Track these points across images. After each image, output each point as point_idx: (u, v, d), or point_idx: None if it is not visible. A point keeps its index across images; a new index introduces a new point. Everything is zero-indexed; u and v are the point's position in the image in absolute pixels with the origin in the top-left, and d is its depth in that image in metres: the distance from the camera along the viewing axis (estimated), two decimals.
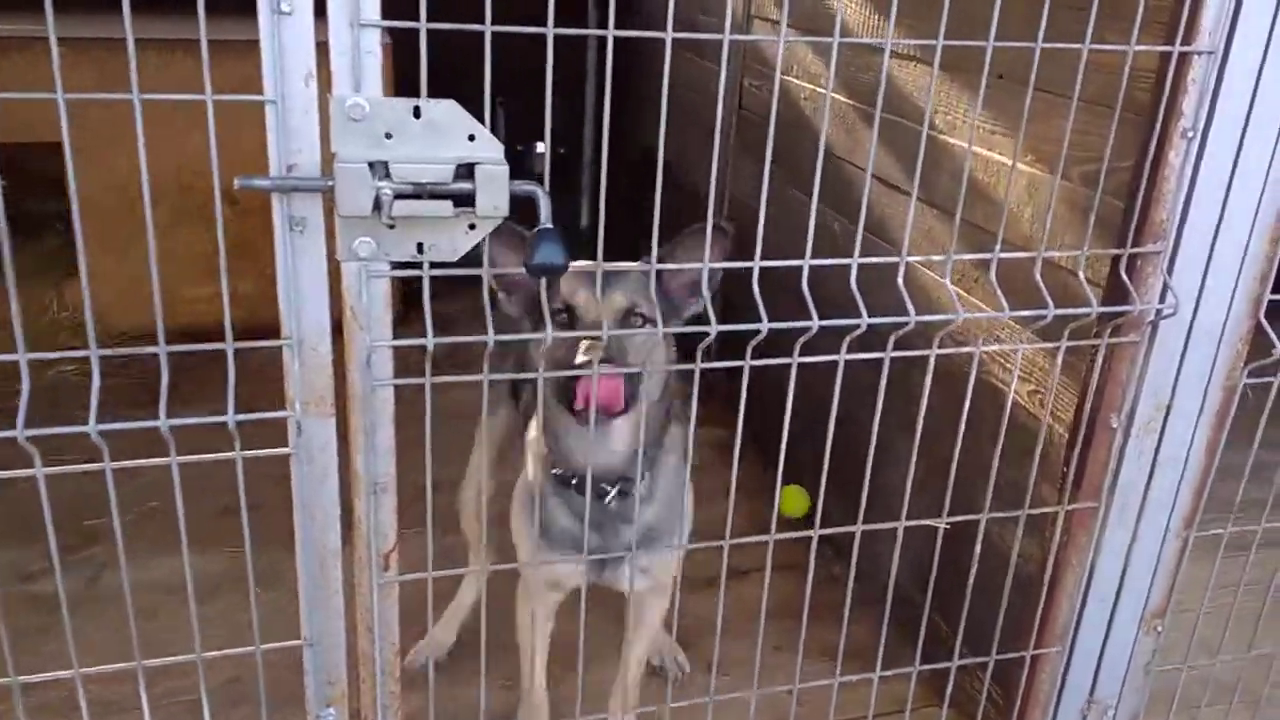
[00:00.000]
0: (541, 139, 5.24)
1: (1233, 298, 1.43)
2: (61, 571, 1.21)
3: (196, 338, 1.07)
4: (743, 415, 1.31)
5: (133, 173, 3.52)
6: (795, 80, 2.80)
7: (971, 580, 1.49)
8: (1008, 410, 1.54)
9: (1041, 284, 1.32)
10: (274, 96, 1.00)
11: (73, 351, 1.04)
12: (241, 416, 1.10)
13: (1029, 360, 1.87)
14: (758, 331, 1.19)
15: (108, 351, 1.06)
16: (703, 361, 1.24)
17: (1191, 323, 1.43)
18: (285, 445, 1.16)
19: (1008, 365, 1.95)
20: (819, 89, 2.67)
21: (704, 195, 1.23)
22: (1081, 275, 1.40)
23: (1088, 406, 1.47)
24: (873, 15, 2.37)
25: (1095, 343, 1.42)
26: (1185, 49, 1.28)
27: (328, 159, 1.04)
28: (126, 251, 2.95)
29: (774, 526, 1.52)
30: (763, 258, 1.22)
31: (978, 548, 1.49)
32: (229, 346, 1.09)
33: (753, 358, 1.24)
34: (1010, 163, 1.92)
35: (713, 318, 1.20)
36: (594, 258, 1.28)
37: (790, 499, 2.85)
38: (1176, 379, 1.43)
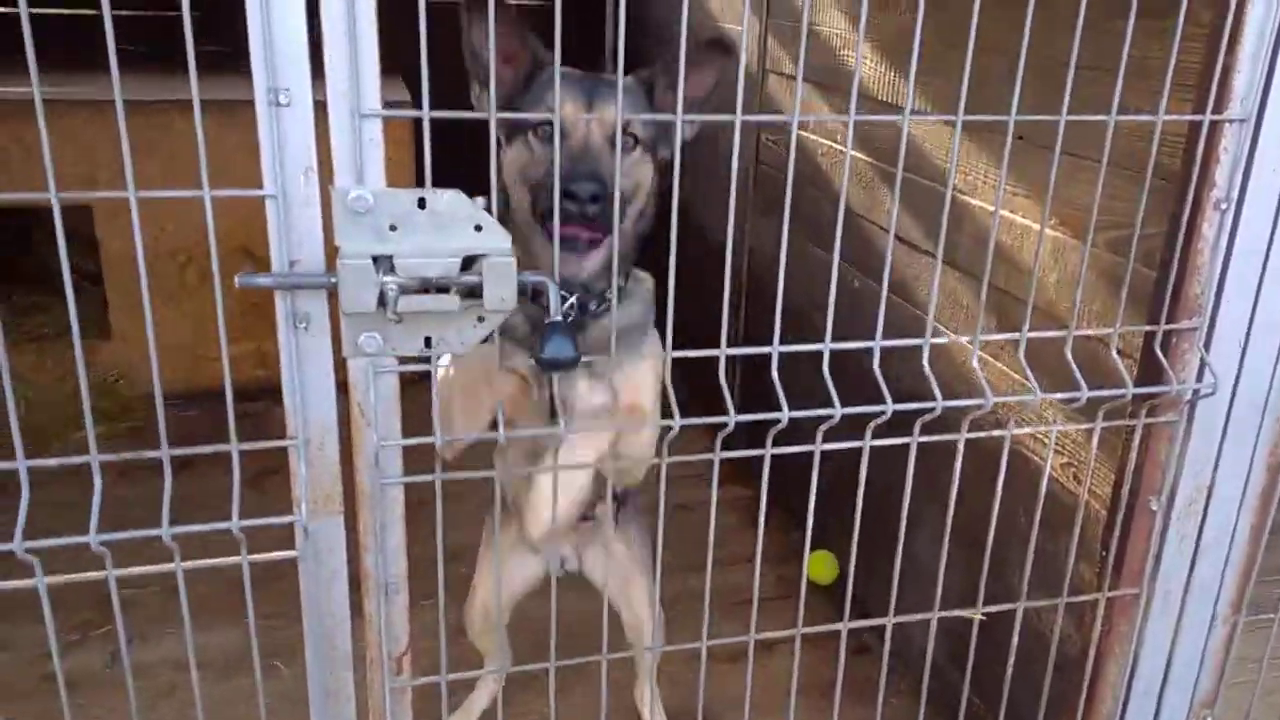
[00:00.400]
0: None
1: (1274, 374, 1.37)
2: (82, 648, 1.16)
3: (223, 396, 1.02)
4: (765, 497, 1.26)
5: (160, 234, 3.55)
6: (812, 136, 2.78)
7: (1011, 664, 1.43)
8: (1043, 485, 1.47)
9: (1072, 362, 1.27)
10: (274, 191, 0.97)
11: (75, 459, 1.00)
12: (247, 523, 1.06)
13: (1063, 433, 1.81)
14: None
15: (110, 456, 1.02)
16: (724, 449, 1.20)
17: (1231, 401, 1.37)
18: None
19: (1042, 439, 1.89)
20: (835, 145, 2.64)
21: (725, 249, 1.19)
22: (1114, 349, 1.35)
23: (1126, 488, 1.40)
24: (889, 70, 2.34)
25: (1131, 423, 1.36)
26: (1216, 117, 1.24)
27: (332, 252, 1.00)
28: (156, 312, 2.94)
29: (803, 594, 1.43)
30: (784, 314, 1.17)
31: (1015, 634, 1.42)
32: (234, 448, 1.05)
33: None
34: (1032, 224, 1.88)
35: (731, 407, 1.15)
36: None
37: (818, 565, 2.78)
38: (1218, 459, 1.37)
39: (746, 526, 3.02)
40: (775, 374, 1.19)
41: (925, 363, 1.23)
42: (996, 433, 1.37)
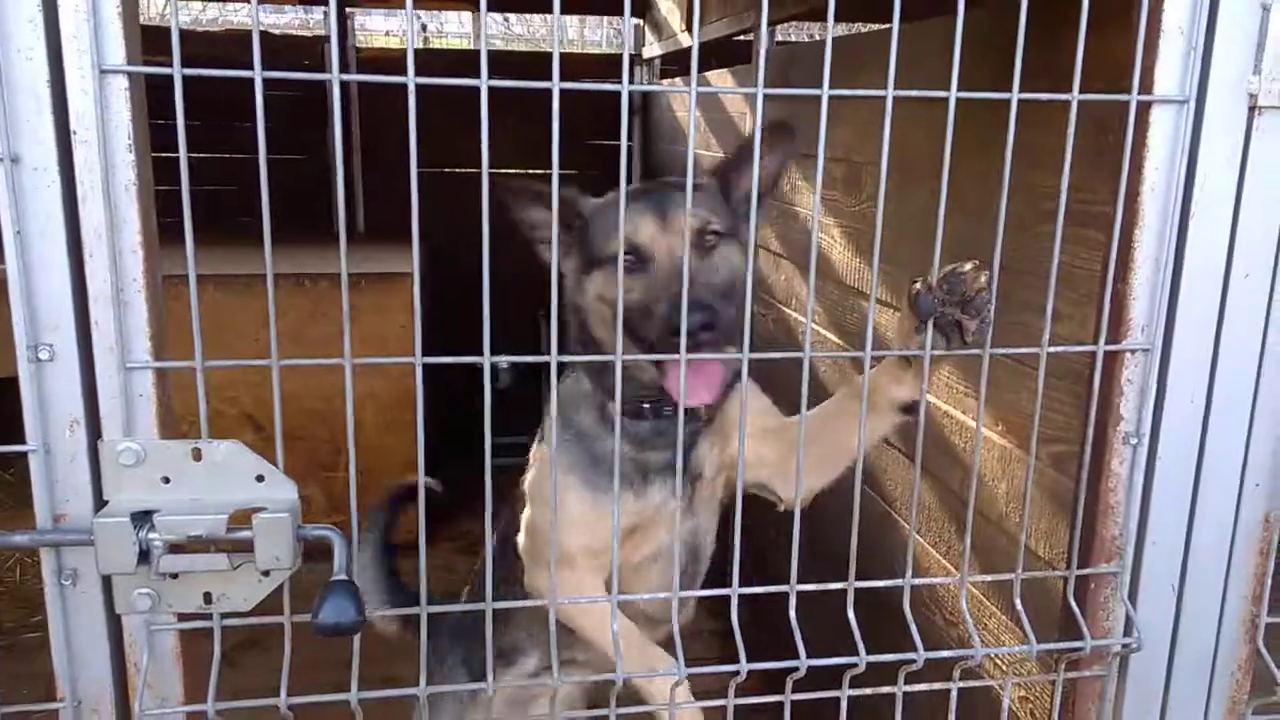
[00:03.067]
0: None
1: (1220, 623, 1.20)
2: None
3: None
4: None
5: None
6: (793, 314, 2.71)
7: None
8: None
9: (1021, 609, 1.15)
10: (35, 446, 0.92)
11: None
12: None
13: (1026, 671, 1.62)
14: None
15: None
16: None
17: (1171, 654, 1.20)
18: None
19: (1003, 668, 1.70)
20: (816, 326, 2.56)
21: None
22: (1069, 591, 1.18)
23: None
24: (853, 256, 2.27)
25: (1049, 677, 1.20)
26: (1111, 347, 1.12)
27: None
28: None
29: None
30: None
31: None
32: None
33: None
34: (985, 430, 1.75)
35: (743, 654, 1.07)
36: None
37: None
38: None
39: None
40: (793, 615, 1.12)
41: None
42: (938, 686, 1.21)
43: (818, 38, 6.14)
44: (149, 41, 0.92)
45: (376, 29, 11.24)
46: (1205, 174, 1.07)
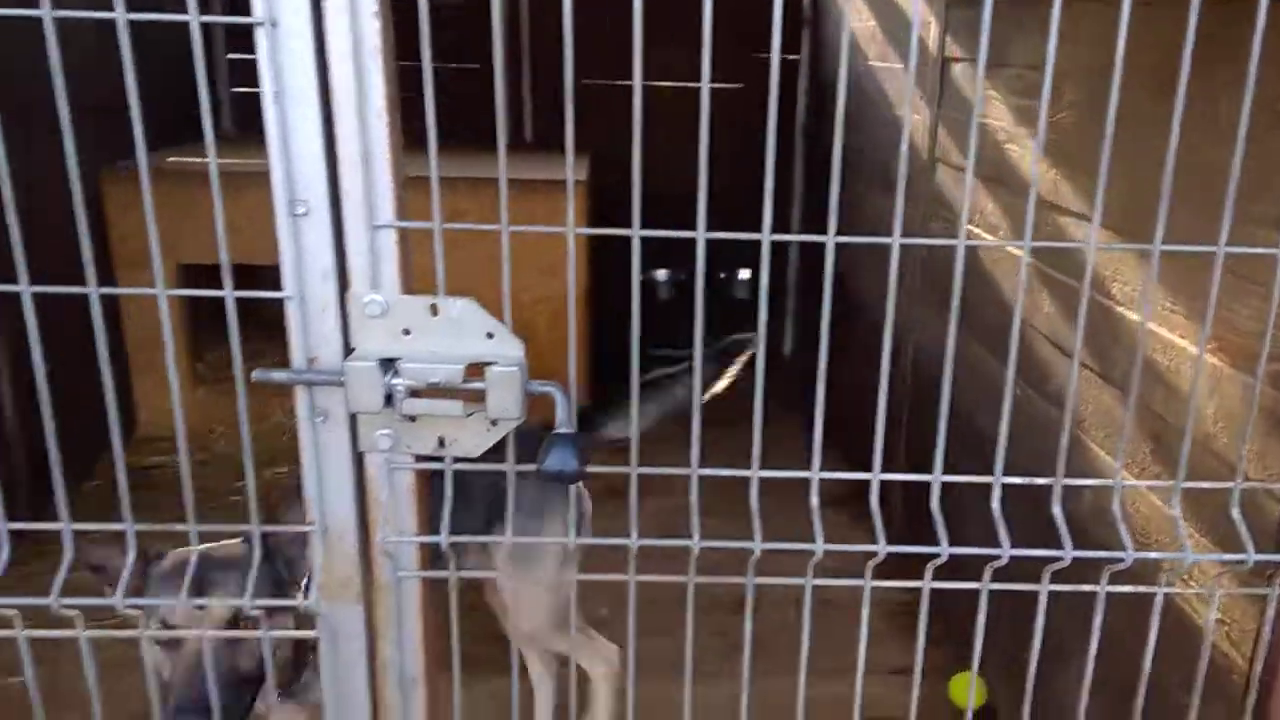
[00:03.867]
0: (745, 265, 5.24)
1: None
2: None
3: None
4: (923, 637, 1.16)
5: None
6: (977, 230, 2.62)
7: None
8: (1198, 644, 1.27)
9: (1240, 520, 1.10)
10: (292, 293, 1.02)
11: (109, 524, 1.08)
12: (264, 602, 1.11)
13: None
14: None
15: (143, 525, 1.09)
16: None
17: None
18: None
19: (1191, 583, 1.65)
20: (1001, 241, 2.48)
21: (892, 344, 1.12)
22: None
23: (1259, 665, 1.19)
24: (1050, 169, 2.17)
25: (1259, 591, 1.16)
26: None
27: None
28: None
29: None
30: (950, 416, 1.08)
31: None
32: (255, 529, 1.10)
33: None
34: (1190, 346, 1.67)
35: (882, 536, 1.09)
36: None
37: (962, 688, 2.56)
38: None
39: (895, 633, 2.84)
40: (935, 504, 1.11)
41: (1116, 506, 1.11)
42: (1143, 589, 1.19)
43: None
44: None
45: None
46: None
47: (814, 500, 1.12)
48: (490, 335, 1.03)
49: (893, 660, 2.71)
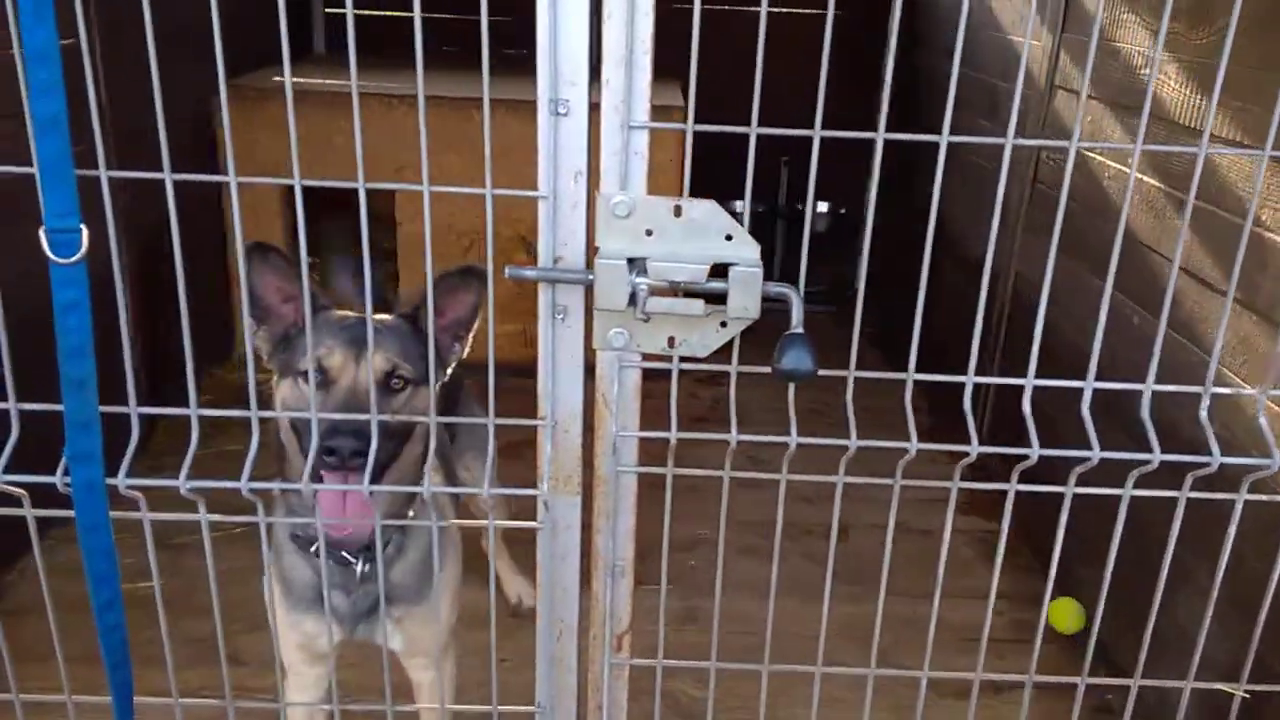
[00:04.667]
0: (824, 198, 5.22)
1: None
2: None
3: (499, 370, 1.19)
4: (1005, 533, 1.20)
5: (450, 219, 3.91)
6: (1098, 157, 2.60)
7: None
8: None
9: None
10: (546, 192, 1.06)
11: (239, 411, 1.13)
12: (498, 490, 1.17)
13: None
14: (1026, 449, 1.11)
15: (267, 413, 1.15)
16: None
17: None
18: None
19: None
20: (1124, 169, 2.46)
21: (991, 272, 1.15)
22: None
23: None
24: (1195, 93, 2.15)
25: None
26: None
27: (592, 252, 1.08)
28: None
29: (1039, 640, 1.35)
30: (1056, 346, 1.12)
31: None
32: (490, 422, 1.16)
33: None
34: None
35: (974, 435, 1.12)
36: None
37: (1061, 613, 2.60)
38: None
39: (985, 561, 2.89)
40: (1028, 407, 1.14)
41: (1204, 412, 1.14)
42: (1220, 496, 1.23)
43: None
44: None
45: None
46: None
47: (907, 398, 1.14)
48: (729, 237, 1.06)
49: (984, 586, 2.79)
